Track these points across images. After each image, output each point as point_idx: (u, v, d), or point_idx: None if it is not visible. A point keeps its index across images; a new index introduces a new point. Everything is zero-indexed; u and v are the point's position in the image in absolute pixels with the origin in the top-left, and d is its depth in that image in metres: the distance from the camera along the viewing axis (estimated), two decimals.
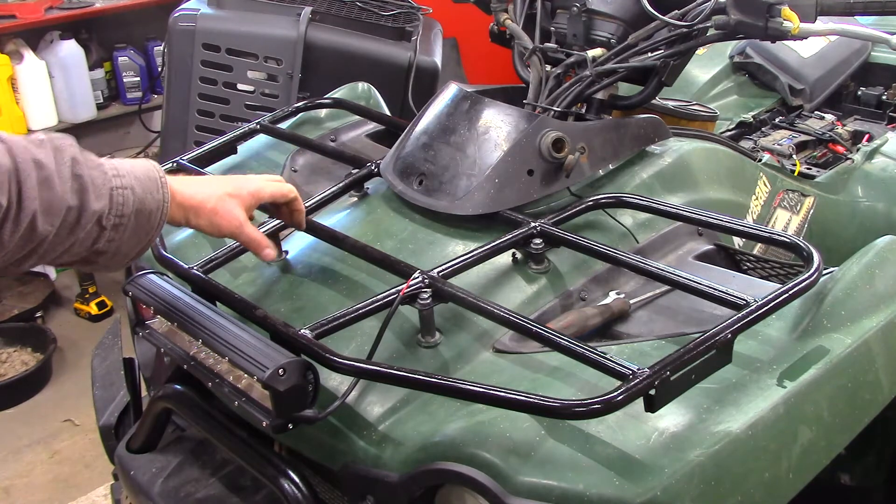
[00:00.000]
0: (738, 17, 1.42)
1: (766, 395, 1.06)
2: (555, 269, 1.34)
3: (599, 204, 1.41)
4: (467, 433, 1.06)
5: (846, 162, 2.06)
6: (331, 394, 1.16)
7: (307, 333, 1.12)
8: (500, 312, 1.14)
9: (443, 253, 1.35)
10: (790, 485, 1.07)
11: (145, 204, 1.05)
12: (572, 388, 1.09)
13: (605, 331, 1.28)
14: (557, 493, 0.98)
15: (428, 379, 1.05)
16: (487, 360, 1.21)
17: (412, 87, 2.72)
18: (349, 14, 2.79)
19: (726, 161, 1.66)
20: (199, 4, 2.79)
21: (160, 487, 1.41)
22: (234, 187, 1.22)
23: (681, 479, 0.97)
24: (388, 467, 1.11)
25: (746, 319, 1.06)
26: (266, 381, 1.04)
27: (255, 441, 1.27)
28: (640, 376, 0.95)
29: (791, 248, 1.26)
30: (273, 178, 1.30)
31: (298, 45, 2.65)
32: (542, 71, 1.63)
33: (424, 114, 1.54)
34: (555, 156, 1.38)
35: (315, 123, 1.91)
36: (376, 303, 1.17)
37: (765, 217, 1.75)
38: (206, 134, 2.68)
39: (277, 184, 1.28)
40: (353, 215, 1.51)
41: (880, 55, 2.56)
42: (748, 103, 2.44)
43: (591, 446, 1.01)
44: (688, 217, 1.37)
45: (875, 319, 1.19)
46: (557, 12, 1.71)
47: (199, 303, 1.22)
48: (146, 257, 1.48)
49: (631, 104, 1.61)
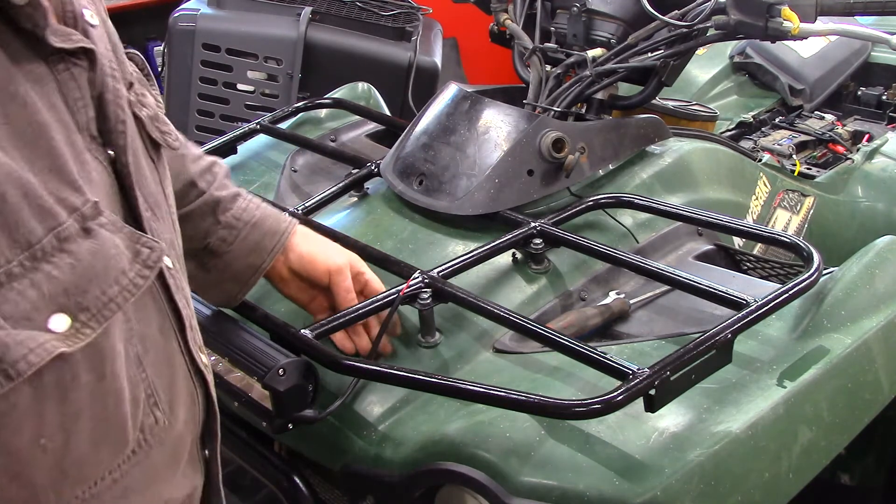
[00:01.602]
0: (738, 17, 1.42)
1: (766, 395, 1.06)
2: (555, 269, 1.34)
3: (599, 204, 1.41)
4: (467, 433, 1.05)
5: (846, 162, 2.06)
6: (331, 394, 1.16)
7: (307, 333, 1.12)
8: (500, 312, 1.14)
9: (443, 253, 1.35)
10: (790, 485, 1.07)
11: (266, 221, 1.14)
12: (572, 388, 1.09)
13: (605, 331, 1.28)
14: (557, 493, 0.98)
15: (428, 379, 1.05)
16: (487, 360, 1.21)
17: (412, 87, 2.72)
18: (349, 14, 2.80)
19: (726, 161, 1.66)
20: (199, 4, 2.79)
21: None
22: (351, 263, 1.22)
23: (681, 479, 0.97)
24: (388, 467, 1.11)
25: (746, 319, 1.06)
26: (266, 382, 1.04)
27: (255, 441, 1.27)
28: (640, 376, 0.95)
29: (791, 248, 1.27)
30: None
31: (298, 45, 2.65)
32: (542, 71, 1.63)
33: (424, 114, 1.54)
34: (555, 156, 1.38)
35: (315, 123, 1.91)
36: (376, 303, 1.17)
37: (765, 217, 1.75)
38: (206, 134, 2.68)
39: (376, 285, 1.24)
40: (353, 215, 1.50)
41: (880, 55, 2.56)
42: (748, 103, 2.44)
43: (591, 446, 1.01)
44: (688, 217, 1.37)
45: (875, 319, 1.19)
46: (557, 12, 1.71)
47: (200, 303, 1.22)
48: None
49: (631, 104, 1.62)
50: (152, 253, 0.64)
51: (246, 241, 1.12)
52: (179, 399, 0.71)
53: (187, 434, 0.73)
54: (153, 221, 0.69)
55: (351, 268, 1.20)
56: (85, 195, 0.60)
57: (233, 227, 1.11)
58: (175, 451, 0.71)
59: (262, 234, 1.13)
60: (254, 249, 1.13)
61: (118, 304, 0.61)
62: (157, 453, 0.67)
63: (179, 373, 0.71)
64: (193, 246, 1.10)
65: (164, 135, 0.76)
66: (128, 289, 0.62)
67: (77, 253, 0.58)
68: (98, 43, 0.65)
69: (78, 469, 0.60)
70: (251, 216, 1.13)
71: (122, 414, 0.62)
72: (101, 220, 0.60)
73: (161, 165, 0.76)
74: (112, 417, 0.62)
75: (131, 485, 0.65)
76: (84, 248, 0.59)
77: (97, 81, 0.65)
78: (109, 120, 0.65)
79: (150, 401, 0.66)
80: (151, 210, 0.70)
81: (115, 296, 0.60)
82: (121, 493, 0.64)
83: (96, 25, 0.66)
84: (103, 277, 0.60)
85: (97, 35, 0.66)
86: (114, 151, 0.66)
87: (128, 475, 0.64)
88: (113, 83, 0.66)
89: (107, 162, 0.65)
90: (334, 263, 1.19)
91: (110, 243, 0.61)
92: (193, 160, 1.11)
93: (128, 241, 0.62)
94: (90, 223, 0.59)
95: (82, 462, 0.61)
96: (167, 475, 0.70)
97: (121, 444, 0.63)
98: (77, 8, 0.65)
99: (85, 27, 0.65)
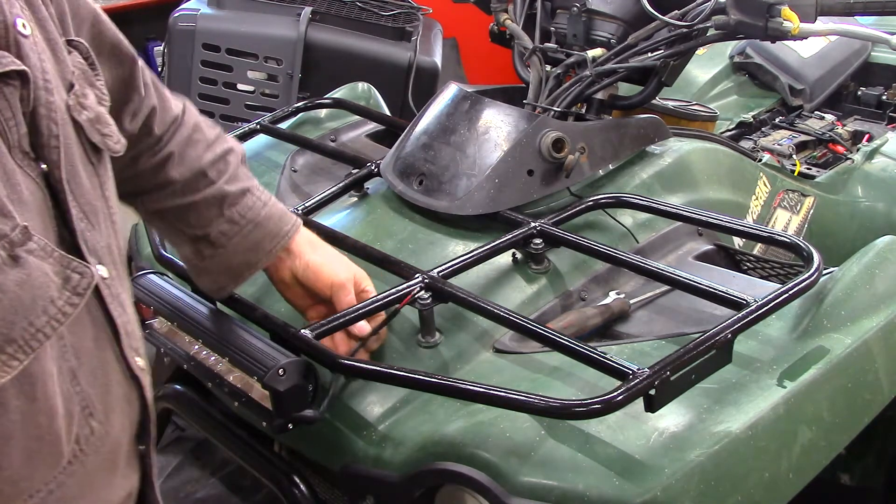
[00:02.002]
0: (738, 17, 1.42)
1: (766, 395, 1.06)
2: (555, 269, 1.34)
3: (599, 204, 1.41)
4: (467, 433, 1.06)
5: (846, 162, 2.06)
6: (331, 394, 1.16)
7: (307, 333, 1.11)
8: (500, 312, 1.14)
9: (443, 253, 1.35)
10: (790, 485, 1.07)
11: (269, 222, 1.13)
12: (572, 388, 1.09)
13: (605, 331, 1.28)
14: (557, 493, 0.98)
15: (428, 379, 1.05)
16: (487, 360, 1.21)
17: (412, 87, 2.72)
18: (349, 14, 2.80)
19: (726, 161, 1.66)
20: (199, 4, 2.79)
21: (160, 487, 1.41)
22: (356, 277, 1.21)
23: (681, 479, 0.97)
24: (388, 467, 1.11)
25: (746, 319, 1.06)
26: (266, 382, 1.04)
27: (255, 441, 1.27)
28: (640, 376, 0.95)
29: (791, 248, 1.27)
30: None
31: (298, 45, 2.65)
32: (542, 71, 1.63)
33: (424, 114, 1.54)
34: (555, 156, 1.38)
35: (315, 123, 1.91)
36: (376, 303, 1.17)
37: (765, 217, 1.75)
38: None
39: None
40: (353, 215, 1.50)
41: (880, 55, 2.56)
42: (748, 103, 2.44)
43: (591, 446, 1.01)
44: (688, 217, 1.37)
45: (875, 319, 1.19)
46: (557, 12, 1.71)
47: (200, 303, 1.22)
48: (146, 256, 1.48)
49: (631, 104, 1.62)
50: (82, 280, 0.64)
51: (246, 239, 1.12)
52: (115, 406, 0.71)
53: (123, 437, 0.74)
54: (88, 231, 0.69)
55: (355, 283, 1.20)
56: (14, 220, 0.59)
57: (236, 222, 1.11)
58: (112, 456, 0.72)
59: (263, 234, 1.13)
60: (252, 248, 1.13)
61: (45, 335, 0.61)
62: (94, 461, 0.68)
63: (114, 379, 0.72)
64: (194, 233, 1.11)
65: (105, 137, 0.76)
66: (56, 318, 0.61)
67: (3, 285, 0.58)
68: (30, 55, 0.65)
69: (12, 486, 0.61)
70: (256, 215, 1.13)
71: (56, 430, 0.63)
72: (29, 247, 0.60)
73: (102, 168, 0.76)
74: (45, 435, 0.62)
75: (69, 494, 0.65)
76: (11, 279, 0.58)
77: (29, 98, 0.64)
78: (42, 135, 0.65)
79: (84, 412, 0.67)
80: (87, 219, 0.70)
81: (42, 326, 0.60)
82: (58, 503, 0.64)
83: (28, 35, 0.66)
84: (31, 308, 0.59)
85: (28, 46, 0.65)
86: (47, 165, 0.65)
87: (64, 485, 0.65)
88: (46, 96, 0.66)
89: (40, 178, 0.65)
90: (338, 278, 1.18)
91: (38, 272, 0.60)
92: (208, 146, 1.11)
93: (58, 266, 0.62)
94: (18, 250, 0.59)
95: (16, 479, 0.61)
96: (106, 480, 0.71)
97: (55, 457, 0.64)
98: (9, 18, 0.64)
99: (17, 38, 0.64)
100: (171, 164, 1.07)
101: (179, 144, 1.08)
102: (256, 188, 1.15)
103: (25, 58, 0.65)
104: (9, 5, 0.64)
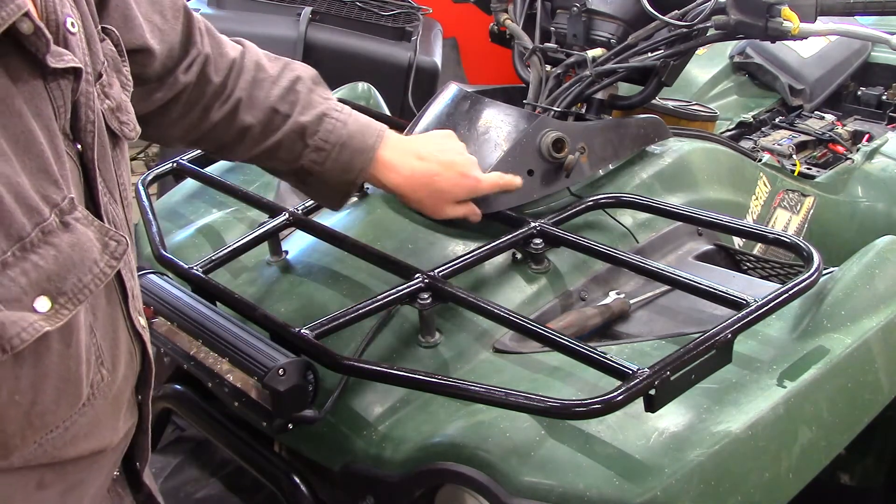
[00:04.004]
0: (738, 17, 1.42)
1: (766, 395, 1.06)
2: (555, 269, 1.34)
3: (599, 204, 1.41)
4: (467, 433, 1.06)
5: (846, 162, 2.06)
6: (331, 394, 1.16)
7: (307, 333, 1.11)
8: (500, 312, 1.14)
9: (443, 253, 1.35)
10: (790, 485, 1.07)
11: (353, 140, 1.18)
12: (572, 388, 1.09)
13: (605, 331, 1.28)
14: (557, 493, 0.98)
15: (428, 379, 1.05)
16: (487, 360, 1.21)
17: (412, 87, 2.72)
18: (349, 14, 2.80)
19: (726, 161, 1.66)
20: (199, 4, 2.79)
21: (160, 487, 1.40)
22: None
23: (681, 479, 0.97)
24: (388, 467, 1.11)
25: (746, 319, 1.06)
26: (266, 381, 1.04)
27: (255, 441, 1.27)
28: (640, 376, 0.95)
29: (791, 248, 1.26)
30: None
31: (298, 45, 2.66)
32: (542, 71, 1.63)
33: (424, 114, 1.54)
34: (555, 156, 1.38)
35: None
36: (376, 303, 1.17)
37: (765, 217, 1.75)
38: None
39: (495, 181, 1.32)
40: (353, 215, 1.50)
41: (880, 55, 2.56)
42: (748, 103, 2.44)
43: (591, 446, 1.01)
44: (688, 217, 1.37)
45: (875, 319, 1.19)
46: (557, 12, 1.71)
47: (200, 303, 1.22)
48: (146, 256, 1.48)
49: (631, 104, 1.61)
50: (119, 246, 0.74)
51: (337, 162, 1.18)
52: (121, 357, 0.80)
53: (126, 386, 0.84)
54: (110, 204, 0.79)
55: (455, 166, 1.27)
56: (63, 191, 0.69)
57: (321, 149, 1.17)
58: (116, 401, 0.82)
59: (351, 153, 1.19)
60: (345, 168, 1.19)
61: (90, 290, 0.70)
62: (101, 404, 0.78)
63: (121, 335, 0.81)
64: (290, 166, 1.20)
65: (123, 125, 0.84)
66: (98, 276, 0.71)
67: (59, 245, 0.68)
68: (76, 50, 0.73)
69: (41, 419, 0.71)
70: (338, 137, 1.17)
71: (80, 374, 0.73)
72: (76, 215, 0.70)
73: (118, 151, 0.84)
74: (72, 377, 0.72)
75: (79, 431, 0.76)
76: (65, 241, 0.68)
77: (78, 89, 0.73)
78: (80, 120, 0.74)
79: (97, 361, 0.76)
80: (110, 194, 0.79)
81: (88, 282, 0.70)
82: (70, 438, 0.75)
83: (75, 33, 0.73)
84: (80, 266, 0.69)
85: (75, 42, 0.73)
86: (82, 146, 0.75)
87: (76, 423, 0.75)
88: (87, 87, 0.75)
89: (76, 156, 0.74)
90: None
91: (85, 237, 0.70)
92: (273, 82, 1.16)
93: (98, 233, 0.72)
94: (67, 217, 0.69)
95: (45, 414, 0.71)
96: (109, 422, 0.82)
97: (76, 398, 0.74)
98: (61, 17, 0.71)
99: (66, 35, 0.72)
100: (242, 109, 1.14)
101: (245, 89, 1.15)
102: (333, 109, 1.19)
103: (73, 53, 0.72)
104: (61, 5, 0.72)
